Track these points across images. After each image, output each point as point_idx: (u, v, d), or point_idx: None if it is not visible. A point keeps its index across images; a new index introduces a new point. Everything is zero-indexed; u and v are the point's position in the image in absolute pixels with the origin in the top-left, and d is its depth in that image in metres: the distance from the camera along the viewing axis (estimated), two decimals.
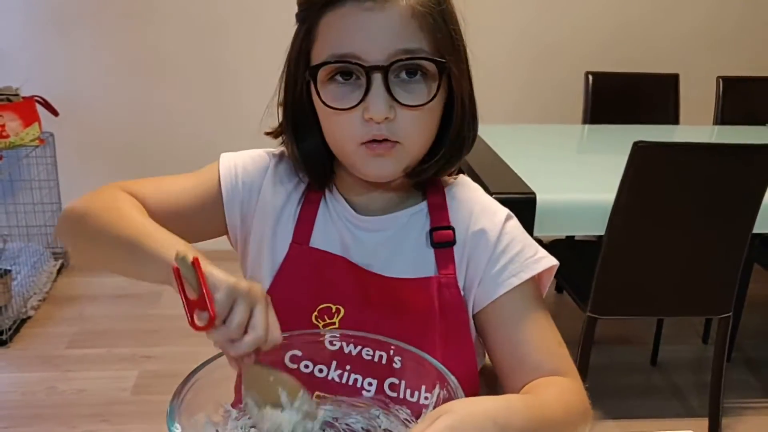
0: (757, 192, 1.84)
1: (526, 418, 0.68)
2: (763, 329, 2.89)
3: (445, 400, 0.68)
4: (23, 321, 2.69)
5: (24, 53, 3.10)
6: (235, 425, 0.73)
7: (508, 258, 0.86)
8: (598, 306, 1.95)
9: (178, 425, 0.62)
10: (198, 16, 3.14)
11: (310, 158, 0.86)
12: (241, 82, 3.11)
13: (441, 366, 0.72)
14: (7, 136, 2.77)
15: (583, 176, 2.20)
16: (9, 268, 2.70)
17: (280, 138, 0.89)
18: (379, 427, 0.75)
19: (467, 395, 0.73)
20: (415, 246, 0.88)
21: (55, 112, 2.93)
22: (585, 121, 2.89)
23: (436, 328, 0.84)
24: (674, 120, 2.92)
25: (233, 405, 0.75)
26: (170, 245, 0.70)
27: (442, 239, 0.87)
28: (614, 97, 2.88)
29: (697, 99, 3.02)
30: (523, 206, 1.82)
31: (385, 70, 0.75)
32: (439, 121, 0.82)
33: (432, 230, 0.87)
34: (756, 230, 1.90)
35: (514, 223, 0.90)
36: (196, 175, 0.91)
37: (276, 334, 0.68)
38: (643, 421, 2.25)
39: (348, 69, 0.76)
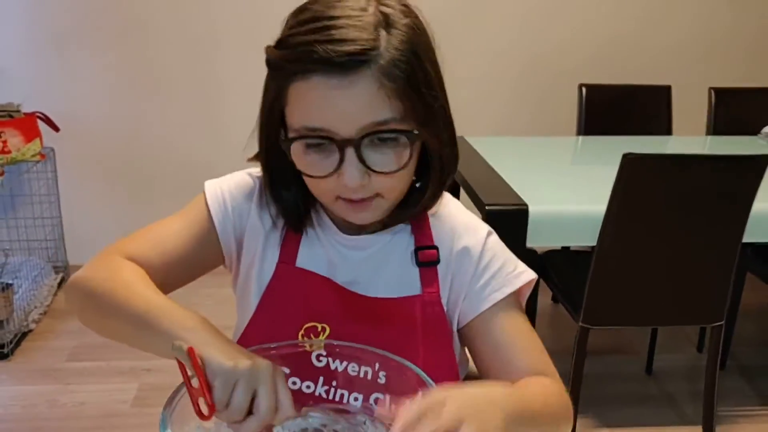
0: (746, 201, 1.87)
1: (507, 403, 0.70)
2: (757, 337, 2.91)
3: None
4: (24, 334, 2.72)
5: (25, 70, 3.14)
6: None
7: (490, 274, 0.89)
8: (590, 316, 1.97)
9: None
10: (193, 34, 3.19)
11: (287, 205, 0.88)
12: (236, 99, 3.15)
13: (423, 374, 0.75)
14: (9, 152, 2.81)
15: (575, 187, 2.23)
16: (10, 281, 2.73)
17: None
18: None
19: None
20: (399, 264, 0.90)
21: (55, 128, 2.97)
22: (579, 133, 2.92)
23: (419, 344, 0.87)
24: (667, 131, 2.95)
25: None
26: (177, 321, 0.72)
27: (426, 258, 0.90)
28: (607, 109, 2.91)
29: (690, 110, 3.05)
30: (515, 217, 1.85)
31: (356, 143, 0.75)
32: (413, 171, 0.84)
33: (416, 249, 0.90)
34: (746, 239, 1.92)
35: (495, 239, 0.93)
36: (185, 214, 0.92)
37: (286, 408, 0.68)
38: (638, 429, 2.27)
39: (320, 143, 0.77)
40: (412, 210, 0.87)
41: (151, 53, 3.20)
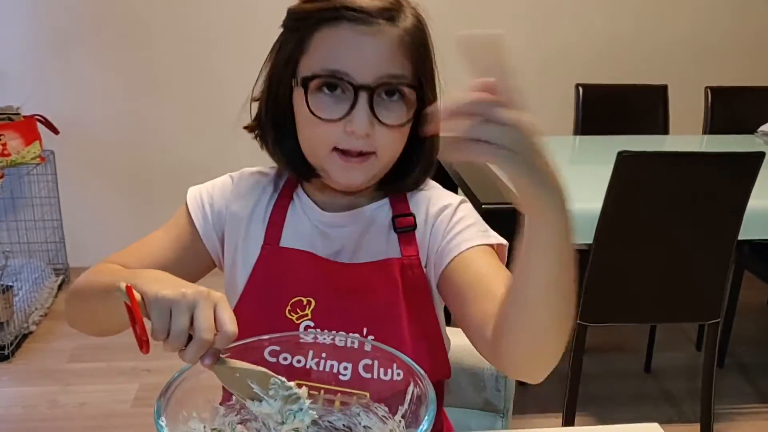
0: (741, 199, 1.88)
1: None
2: (756, 335, 2.91)
3: (418, 396, 0.72)
4: (25, 336, 2.73)
5: (25, 73, 3.15)
6: (222, 421, 0.76)
7: (461, 227, 0.92)
8: (587, 314, 1.98)
9: (164, 419, 0.66)
10: (193, 37, 3.20)
11: (290, 154, 0.91)
12: (236, 101, 3.16)
13: (409, 359, 0.76)
14: (9, 155, 2.82)
15: (572, 186, 2.20)
16: (11, 284, 2.74)
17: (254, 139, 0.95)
18: (359, 424, 0.78)
19: (434, 373, 0.82)
20: (379, 232, 0.94)
21: (55, 131, 2.98)
22: (576, 132, 2.93)
23: (402, 309, 0.89)
24: (664, 130, 2.96)
25: (221, 403, 0.78)
26: (133, 274, 0.75)
27: (404, 225, 0.93)
28: (604, 109, 2.92)
29: (686, 109, 3.06)
30: (512, 216, 1.85)
31: (371, 90, 0.81)
32: (407, 137, 0.89)
33: (394, 217, 0.94)
34: (742, 237, 1.93)
35: (468, 206, 0.97)
36: (171, 224, 0.97)
37: (227, 328, 0.68)
38: (628, 425, 2.27)
39: (337, 84, 0.82)
40: (403, 182, 0.92)
41: (151, 56, 3.21)
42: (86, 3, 3.12)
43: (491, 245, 0.91)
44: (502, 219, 0.97)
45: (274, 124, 0.91)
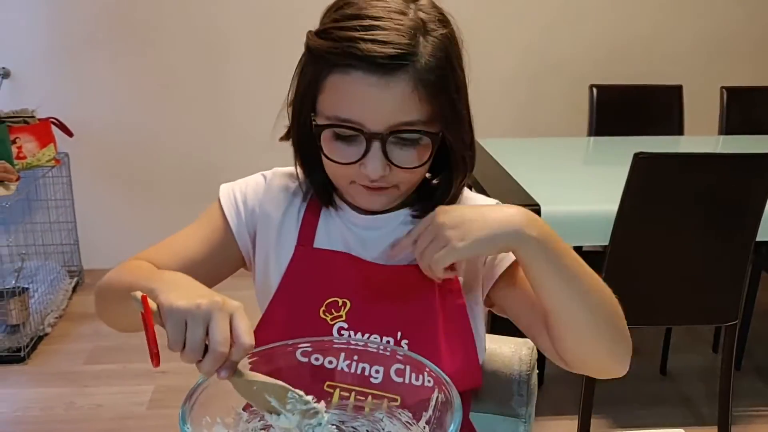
0: (759, 200, 1.86)
1: (521, 220, 0.80)
2: None
3: (443, 403, 0.72)
4: (41, 338, 2.75)
5: (39, 77, 3.18)
6: (245, 427, 0.76)
7: None
8: None
9: (189, 426, 0.66)
10: (206, 40, 3.21)
11: (316, 181, 0.92)
12: (249, 104, 3.18)
13: (435, 368, 0.76)
14: (24, 157, 2.84)
15: (587, 188, 2.23)
16: (27, 286, 2.76)
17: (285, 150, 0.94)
18: (383, 430, 0.78)
19: (465, 382, 0.83)
20: None
21: (69, 133, 3.00)
22: (590, 134, 2.92)
23: (438, 314, 0.88)
24: (679, 131, 2.94)
25: (244, 408, 0.78)
26: (154, 276, 0.75)
27: None
28: (619, 109, 2.91)
29: (702, 110, 3.04)
30: None
31: (383, 138, 0.80)
32: (430, 164, 0.87)
33: None
34: (760, 238, 1.91)
35: None
36: (203, 221, 0.96)
37: (243, 340, 0.67)
38: (653, 430, 2.26)
39: (349, 134, 0.82)
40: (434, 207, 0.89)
41: (164, 59, 3.23)
42: (100, 8, 3.14)
43: None
44: None
45: (300, 153, 0.91)
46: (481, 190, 2.07)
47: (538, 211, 1.86)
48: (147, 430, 2.23)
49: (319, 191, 0.93)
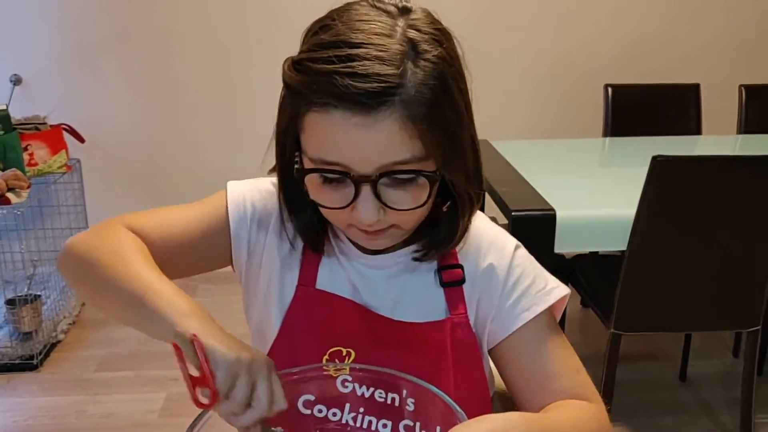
0: None
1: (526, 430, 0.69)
2: None
3: None
4: (53, 345, 2.74)
5: (51, 83, 3.18)
6: None
7: (520, 291, 0.85)
8: (621, 322, 1.93)
9: None
10: (217, 46, 3.20)
11: (304, 224, 0.85)
12: (260, 110, 3.16)
13: (451, 401, 0.72)
14: (36, 164, 2.84)
15: (604, 191, 2.18)
16: (39, 293, 2.76)
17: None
18: None
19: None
20: (423, 285, 0.87)
21: (81, 139, 2.99)
22: (605, 134, 2.87)
23: (449, 368, 0.83)
24: (696, 130, 2.88)
25: None
26: (174, 305, 0.71)
27: (451, 278, 0.86)
28: (635, 109, 2.86)
29: (720, 108, 2.99)
30: (542, 223, 1.81)
31: (373, 181, 0.71)
32: (432, 203, 0.78)
33: (440, 269, 0.86)
34: None
35: (523, 254, 0.88)
36: (203, 206, 0.90)
37: (280, 402, 0.69)
38: None
39: (337, 177, 0.73)
40: (437, 249, 0.84)
41: (175, 65, 3.22)
42: (111, 14, 3.13)
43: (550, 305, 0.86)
44: (532, 226, 0.93)
45: (285, 192, 0.83)
46: (495, 196, 2.03)
47: (553, 217, 1.82)
48: None
49: (305, 236, 0.85)
